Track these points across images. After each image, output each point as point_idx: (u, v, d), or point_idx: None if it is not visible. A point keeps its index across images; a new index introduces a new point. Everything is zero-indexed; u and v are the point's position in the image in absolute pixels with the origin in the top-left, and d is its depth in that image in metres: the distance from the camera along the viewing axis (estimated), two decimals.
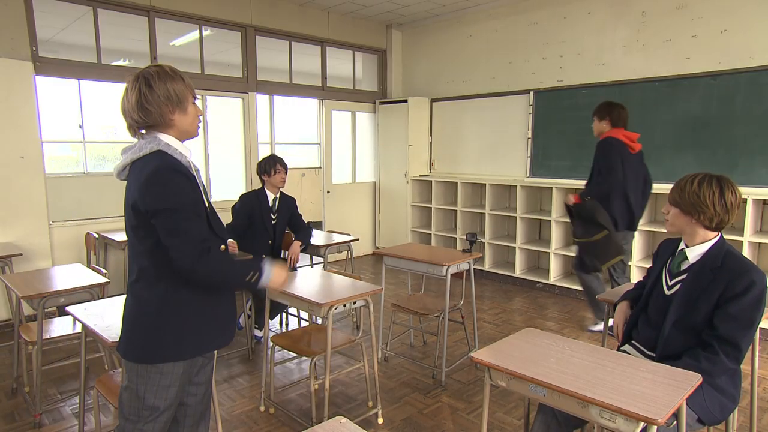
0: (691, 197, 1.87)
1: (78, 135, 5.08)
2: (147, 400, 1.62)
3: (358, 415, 2.86)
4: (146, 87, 1.51)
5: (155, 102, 1.52)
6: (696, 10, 4.47)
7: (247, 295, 3.74)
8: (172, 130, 1.59)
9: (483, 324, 4.38)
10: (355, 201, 6.98)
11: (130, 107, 1.54)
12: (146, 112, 1.53)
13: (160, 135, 1.58)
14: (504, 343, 1.88)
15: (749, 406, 2.49)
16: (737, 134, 4.29)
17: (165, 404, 1.64)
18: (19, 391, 3.15)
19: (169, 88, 1.54)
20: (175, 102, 1.56)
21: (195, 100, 1.66)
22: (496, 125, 5.99)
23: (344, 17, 6.46)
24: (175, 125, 1.59)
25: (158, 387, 1.62)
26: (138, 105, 1.52)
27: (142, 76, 1.53)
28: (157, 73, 1.54)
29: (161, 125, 1.57)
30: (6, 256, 3.75)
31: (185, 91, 1.59)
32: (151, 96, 1.52)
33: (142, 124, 1.56)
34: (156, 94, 1.52)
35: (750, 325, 1.79)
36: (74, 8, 4.59)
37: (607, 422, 1.46)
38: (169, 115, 1.56)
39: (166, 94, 1.53)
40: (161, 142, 1.56)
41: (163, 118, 1.56)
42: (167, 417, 1.68)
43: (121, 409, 1.68)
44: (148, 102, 1.52)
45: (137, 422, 1.64)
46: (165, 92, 1.53)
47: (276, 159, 3.87)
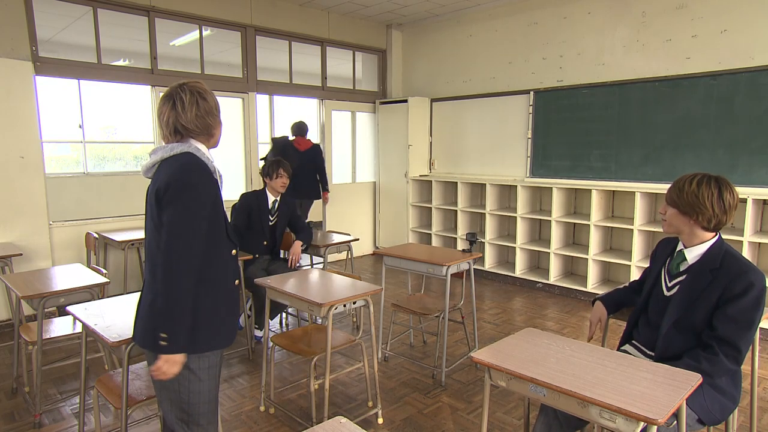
0: (690, 197, 1.86)
1: (78, 135, 5.08)
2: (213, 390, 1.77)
3: (358, 415, 2.86)
4: (203, 100, 1.71)
5: (210, 114, 1.74)
6: (696, 10, 4.48)
7: (247, 294, 3.75)
8: (211, 139, 1.79)
9: (483, 324, 4.38)
10: (355, 201, 6.97)
11: (188, 118, 1.69)
12: (203, 122, 1.72)
13: (193, 141, 1.74)
14: (504, 343, 1.88)
15: (749, 406, 2.49)
16: (737, 134, 4.29)
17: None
18: (19, 391, 3.15)
19: (215, 102, 1.77)
20: (218, 114, 1.78)
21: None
22: (496, 125, 5.99)
23: (344, 17, 6.46)
24: (214, 135, 1.80)
25: (215, 371, 1.76)
26: (197, 116, 1.70)
27: (196, 91, 1.71)
28: (204, 88, 1.74)
29: (203, 134, 1.75)
30: (6, 256, 3.74)
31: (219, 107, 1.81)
32: (208, 108, 1.73)
33: (192, 133, 1.73)
34: (210, 106, 1.74)
35: (749, 326, 1.78)
36: (74, 8, 4.59)
37: (607, 422, 1.46)
38: (215, 126, 1.78)
39: (216, 107, 1.77)
40: (191, 146, 1.71)
41: (210, 128, 1.76)
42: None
43: (194, 419, 1.75)
44: (207, 114, 1.73)
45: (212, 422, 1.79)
46: (215, 104, 1.77)
47: (280, 164, 3.89)
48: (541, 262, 5.76)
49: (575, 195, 5.43)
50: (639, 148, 4.83)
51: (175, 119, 1.70)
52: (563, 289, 5.26)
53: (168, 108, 1.70)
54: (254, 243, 3.86)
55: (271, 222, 3.95)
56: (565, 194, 5.32)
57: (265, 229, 3.91)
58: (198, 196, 1.62)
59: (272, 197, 3.93)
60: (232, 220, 3.88)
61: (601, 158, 5.09)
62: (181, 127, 1.70)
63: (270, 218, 3.94)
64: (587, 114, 5.18)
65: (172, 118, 1.70)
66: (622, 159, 4.95)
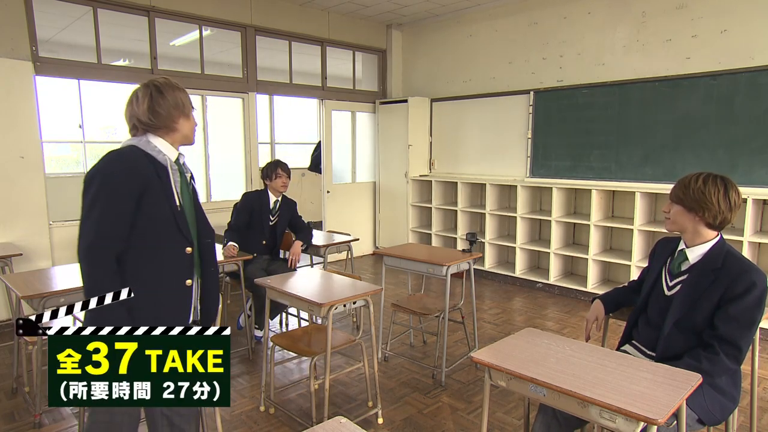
0: (696, 194, 1.86)
1: (78, 135, 5.08)
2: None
3: (358, 415, 2.86)
4: (158, 93, 1.69)
5: (165, 107, 1.70)
6: (696, 10, 4.47)
7: (247, 294, 3.75)
8: (175, 134, 1.75)
9: (483, 324, 4.38)
10: (355, 201, 6.97)
11: (140, 111, 1.69)
12: (156, 115, 1.69)
13: (149, 136, 1.72)
14: (504, 343, 1.88)
15: (749, 406, 2.49)
16: (737, 134, 4.29)
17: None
18: (19, 391, 3.15)
19: (177, 97, 1.73)
20: (181, 108, 1.73)
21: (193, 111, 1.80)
22: (496, 125, 5.99)
23: (344, 17, 6.46)
24: (179, 130, 1.75)
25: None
26: (149, 109, 1.68)
27: (153, 85, 1.71)
28: (166, 83, 1.73)
29: (165, 128, 1.72)
30: (6, 256, 3.74)
31: (188, 102, 1.78)
32: (163, 102, 1.69)
33: (149, 127, 1.71)
34: (167, 101, 1.70)
35: (750, 326, 1.79)
36: (74, 8, 4.58)
37: (607, 422, 1.46)
38: (175, 119, 1.73)
39: (174, 101, 1.72)
40: (142, 140, 1.70)
41: (169, 122, 1.72)
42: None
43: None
44: (160, 106, 1.69)
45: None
46: (174, 99, 1.72)
47: (278, 164, 3.91)
48: (541, 262, 5.76)
49: (575, 195, 5.43)
50: (639, 148, 4.83)
51: (131, 114, 1.72)
52: (563, 289, 5.26)
53: (127, 104, 1.73)
54: (254, 242, 3.87)
55: (272, 222, 3.96)
56: (565, 194, 5.32)
57: (265, 228, 3.92)
58: (109, 186, 1.57)
59: (273, 197, 3.95)
60: (233, 220, 3.90)
61: (601, 158, 5.09)
62: (136, 121, 1.70)
63: (271, 218, 3.95)
64: (587, 114, 5.18)
65: (129, 112, 1.72)
66: (622, 159, 4.95)
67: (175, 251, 1.70)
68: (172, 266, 1.70)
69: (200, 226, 1.81)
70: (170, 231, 1.68)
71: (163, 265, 1.68)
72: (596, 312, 2.20)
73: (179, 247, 1.70)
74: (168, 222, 1.67)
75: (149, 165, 1.65)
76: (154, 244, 1.65)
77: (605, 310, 2.22)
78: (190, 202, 1.78)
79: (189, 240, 1.73)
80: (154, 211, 1.63)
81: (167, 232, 1.68)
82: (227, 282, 4.57)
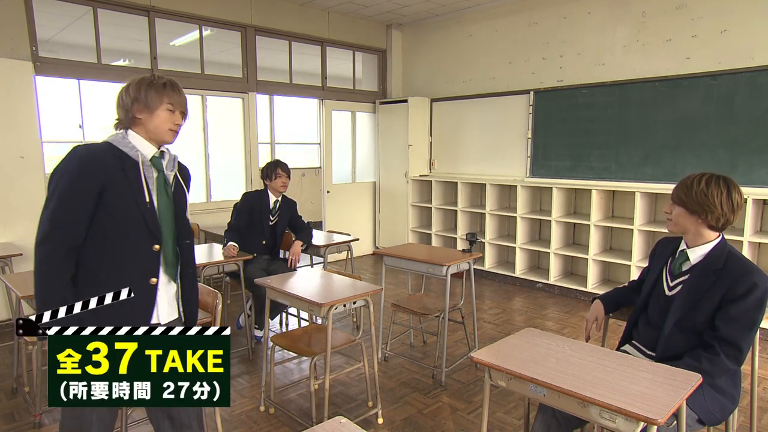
0: (699, 197, 1.85)
1: (78, 135, 5.07)
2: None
3: (358, 415, 2.86)
4: (125, 89, 1.72)
5: (128, 101, 1.70)
6: (696, 10, 4.47)
7: (247, 294, 3.75)
8: (141, 128, 1.73)
9: (483, 324, 4.38)
10: (355, 201, 6.97)
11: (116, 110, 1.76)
12: (122, 110, 1.73)
13: (130, 132, 1.73)
14: (504, 343, 1.88)
15: (749, 406, 2.49)
16: (737, 134, 4.29)
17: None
18: (19, 391, 3.15)
19: (141, 93, 1.69)
20: (143, 103, 1.70)
21: (175, 111, 1.74)
22: (496, 125, 5.99)
23: (344, 17, 6.46)
24: (142, 123, 1.72)
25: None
26: (118, 105, 1.74)
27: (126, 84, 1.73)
28: (141, 79, 1.72)
29: (131, 123, 1.73)
30: (6, 256, 3.74)
31: (158, 99, 1.71)
32: (126, 97, 1.71)
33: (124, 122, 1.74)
34: (129, 95, 1.70)
35: (751, 327, 1.79)
36: (74, 8, 4.58)
37: (607, 422, 1.46)
38: (135, 113, 1.70)
39: (135, 97, 1.70)
40: (118, 135, 1.71)
41: (133, 116, 1.71)
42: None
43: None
44: (123, 101, 1.72)
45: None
46: (135, 95, 1.69)
47: (278, 164, 3.91)
48: (541, 262, 5.76)
49: (575, 195, 5.43)
50: (639, 148, 4.83)
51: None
52: (563, 289, 5.26)
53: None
54: (254, 242, 3.87)
55: (272, 222, 3.96)
56: (565, 194, 5.32)
57: (265, 228, 3.92)
58: (65, 181, 1.58)
59: (273, 197, 3.95)
60: (233, 220, 3.90)
61: (601, 158, 5.09)
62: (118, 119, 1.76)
63: (271, 218, 3.95)
64: (587, 114, 5.18)
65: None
66: (622, 159, 4.95)
67: (140, 247, 1.67)
68: (135, 262, 1.67)
69: (179, 226, 1.78)
70: (136, 227, 1.65)
71: (124, 260, 1.65)
72: (596, 312, 2.20)
73: (144, 244, 1.68)
74: (133, 217, 1.65)
75: (115, 160, 1.64)
76: (115, 237, 1.63)
77: (605, 310, 2.22)
78: (168, 200, 1.74)
79: (157, 237, 1.69)
80: (117, 205, 1.62)
81: (132, 228, 1.65)
82: (227, 282, 4.57)
